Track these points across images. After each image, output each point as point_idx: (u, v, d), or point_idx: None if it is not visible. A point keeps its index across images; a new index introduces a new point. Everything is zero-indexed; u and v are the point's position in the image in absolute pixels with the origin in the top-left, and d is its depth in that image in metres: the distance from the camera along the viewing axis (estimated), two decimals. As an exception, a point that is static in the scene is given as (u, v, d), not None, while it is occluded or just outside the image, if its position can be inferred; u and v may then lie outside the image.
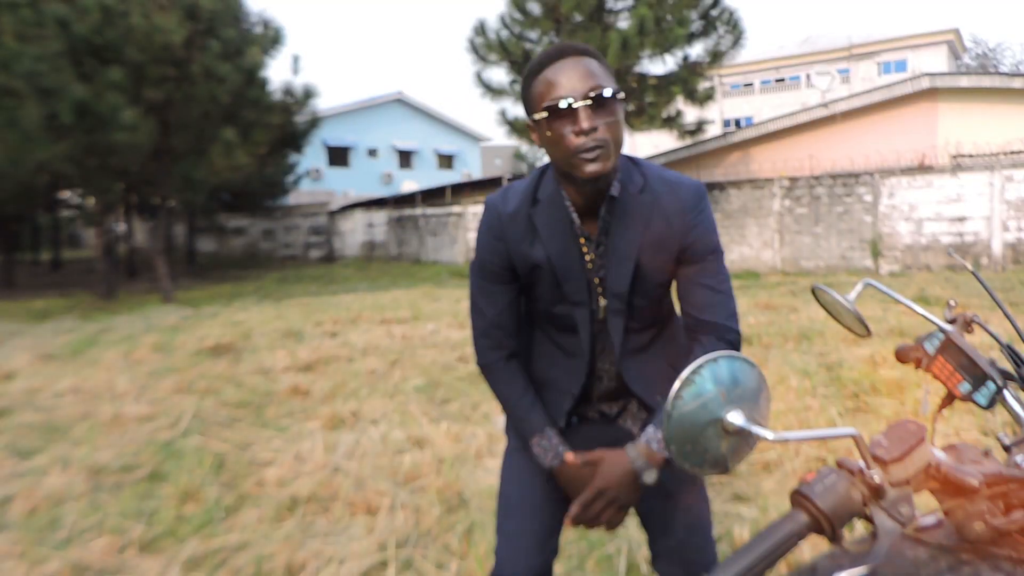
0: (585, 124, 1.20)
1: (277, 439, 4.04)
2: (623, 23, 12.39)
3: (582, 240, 1.36)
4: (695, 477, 1.47)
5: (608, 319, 1.40)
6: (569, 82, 1.22)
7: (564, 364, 1.46)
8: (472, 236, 18.22)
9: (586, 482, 1.32)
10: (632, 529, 2.67)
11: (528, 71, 1.29)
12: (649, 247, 1.34)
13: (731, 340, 1.36)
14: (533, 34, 12.96)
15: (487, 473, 3.33)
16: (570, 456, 1.35)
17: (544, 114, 1.23)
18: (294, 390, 5.15)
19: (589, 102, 1.21)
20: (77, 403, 4.98)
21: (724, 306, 1.36)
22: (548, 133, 1.25)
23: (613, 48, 11.31)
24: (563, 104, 1.21)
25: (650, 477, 1.32)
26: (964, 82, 15.28)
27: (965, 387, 1.08)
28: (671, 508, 1.47)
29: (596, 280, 1.38)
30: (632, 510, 1.41)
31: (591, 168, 1.22)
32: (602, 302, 1.40)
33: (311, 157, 27.57)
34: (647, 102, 12.78)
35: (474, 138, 36.36)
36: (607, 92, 1.22)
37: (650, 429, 1.33)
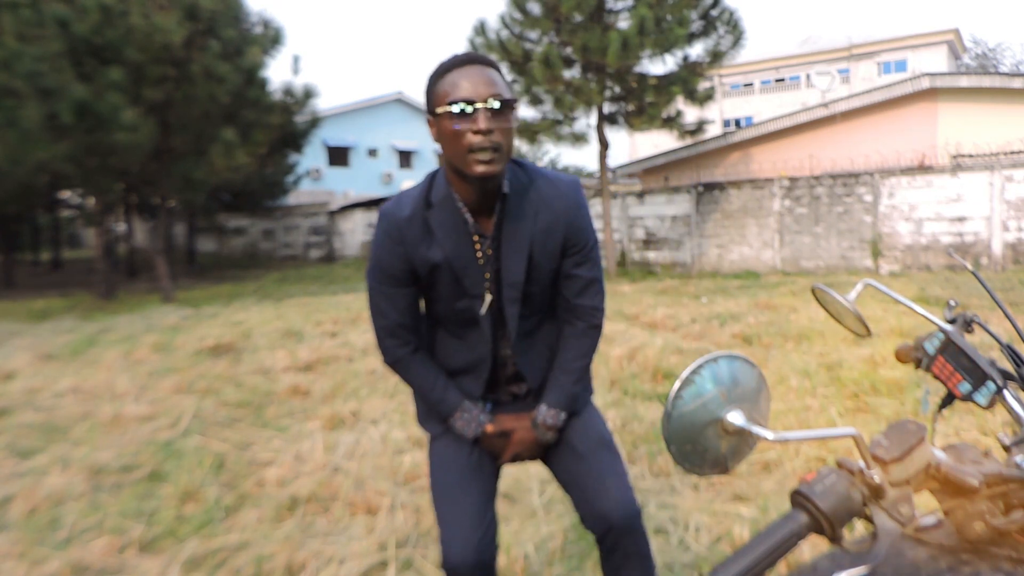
0: (483, 125, 1.33)
1: (277, 439, 4.04)
2: (623, 23, 12.38)
3: (475, 237, 1.48)
4: (599, 432, 1.65)
5: (505, 307, 1.53)
6: (473, 86, 1.34)
7: (468, 356, 1.59)
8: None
9: (504, 445, 1.60)
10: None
11: (435, 71, 1.41)
12: (540, 237, 1.49)
13: (597, 324, 1.59)
14: (533, 34, 12.95)
15: (487, 473, 3.33)
16: (489, 427, 1.57)
17: (447, 109, 1.34)
18: (294, 390, 5.15)
19: (487, 106, 1.33)
20: (77, 403, 4.98)
21: (597, 293, 1.58)
22: (448, 129, 1.36)
23: (613, 48, 11.31)
24: (468, 108, 1.34)
25: (549, 437, 1.60)
26: (964, 82, 15.28)
27: (965, 387, 1.08)
28: (584, 466, 1.60)
29: (488, 275, 1.51)
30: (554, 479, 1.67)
31: (481, 168, 1.35)
32: (488, 298, 1.53)
33: (311, 157, 27.57)
34: (647, 102, 12.77)
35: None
36: (505, 98, 1.35)
37: (543, 408, 1.58)
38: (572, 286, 1.56)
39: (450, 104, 1.34)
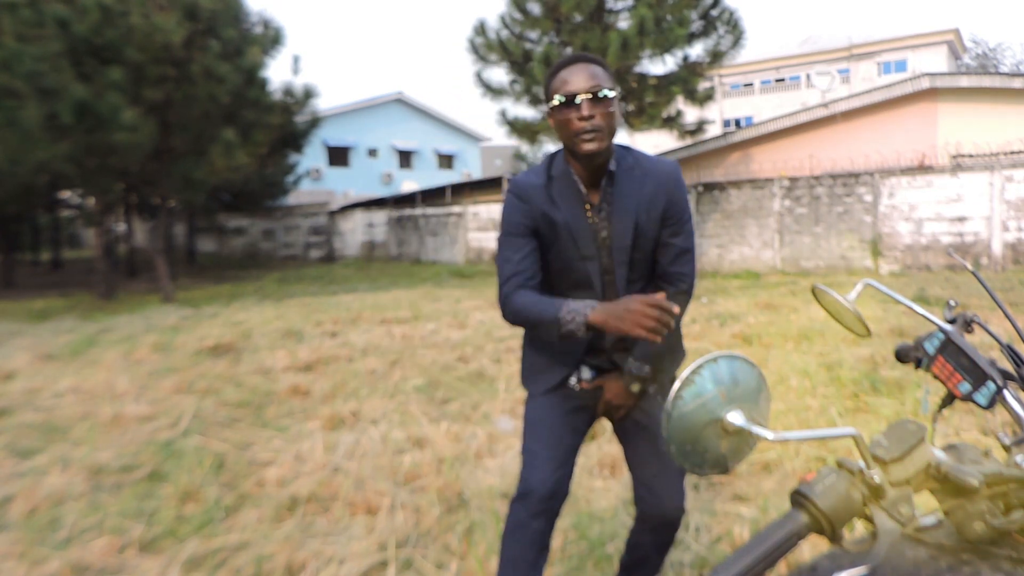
0: (585, 112, 1.61)
1: (277, 439, 4.04)
2: (623, 23, 12.38)
3: (587, 206, 1.73)
4: None
5: (615, 270, 1.74)
6: (577, 81, 1.63)
7: None
8: (472, 236, 18.23)
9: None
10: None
11: (550, 71, 1.70)
12: (645, 206, 1.72)
13: (687, 289, 1.79)
14: (533, 34, 12.95)
15: (487, 473, 3.33)
16: (594, 314, 1.54)
17: (557, 102, 1.64)
18: (294, 390, 5.15)
19: (590, 96, 1.61)
20: (77, 403, 4.98)
21: (689, 262, 1.78)
22: (559, 118, 1.66)
23: (613, 48, 11.31)
24: (572, 99, 1.62)
25: (635, 387, 1.77)
26: (964, 82, 15.28)
27: (965, 387, 1.08)
28: (660, 464, 1.78)
29: (601, 237, 1.73)
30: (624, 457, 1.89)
31: (587, 146, 1.63)
32: (602, 259, 1.74)
33: (311, 157, 27.57)
34: (647, 102, 12.77)
35: (474, 138, 36.35)
36: (605, 90, 1.63)
37: (630, 359, 1.76)
38: (668, 253, 1.76)
39: (558, 99, 1.64)
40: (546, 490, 1.71)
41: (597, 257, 1.73)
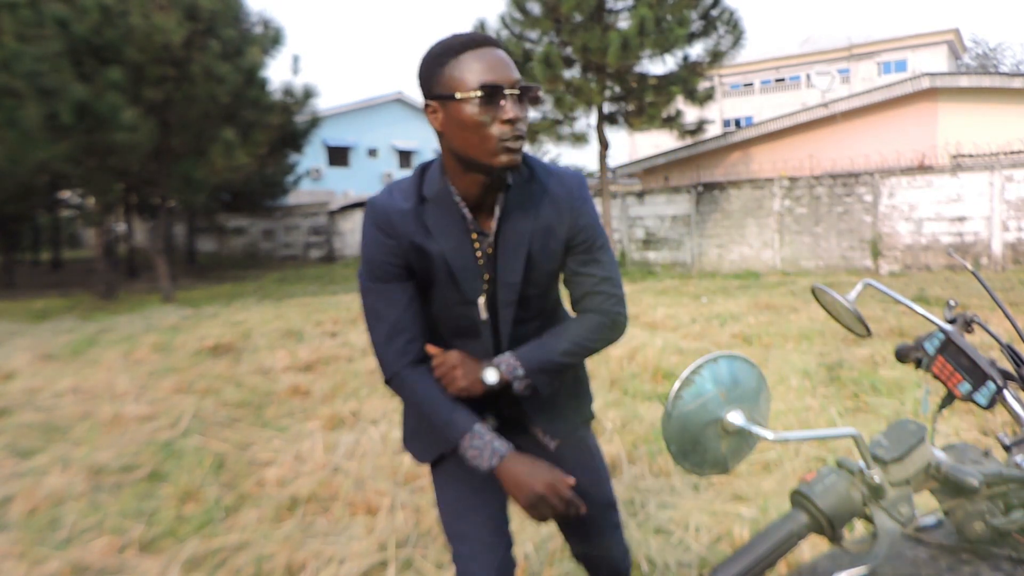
0: (511, 114, 1.20)
1: (277, 439, 4.04)
2: (623, 23, 12.38)
3: (474, 236, 1.34)
4: (607, 496, 1.57)
5: (499, 311, 1.38)
6: (499, 70, 1.21)
7: None
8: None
9: (528, 478, 1.29)
10: (632, 529, 2.68)
11: (440, 51, 1.24)
12: (540, 235, 1.34)
13: (613, 320, 1.40)
14: (533, 34, 12.95)
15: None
16: (512, 455, 1.30)
17: (470, 95, 1.19)
18: (294, 390, 5.15)
19: (517, 92, 1.21)
20: (77, 403, 4.98)
21: (610, 291, 1.39)
22: (468, 118, 1.21)
23: (613, 48, 11.30)
24: (495, 94, 1.19)
25: (492, 378, 1.34)
26: (964, 82, 15.28)
27: (965, 387, 1.08)
28: (594, 530, 1.54)
29: (487, 276, 1.36)
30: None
31: (506, 158, 1.22)
32: (481, 301, 1.37)
33: (311, 157, 27.56)
34: (647, 102, 12.77)
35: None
36: (530, 85, 1.24)
37: (504, 354, 1.37)
38: (581, 285, 1.39)
39: (478, 89, 1.19)
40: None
41: (482, 300, 1.37)
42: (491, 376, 1.33)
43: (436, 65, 1.24)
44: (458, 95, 1.20)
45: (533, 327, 1.43)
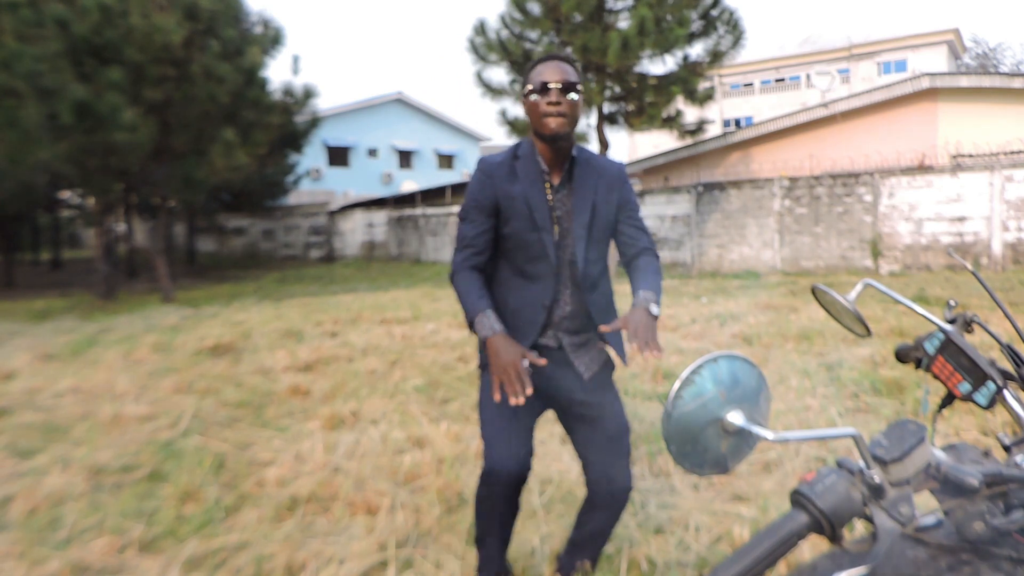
0: (554, 98, 1.86)
1: (277, 439, 4.04)
2: (623, 23, 12.37)
3: (547, 185, 1.94)
4: (625, 421, 2.03)
5: (575, 244, 1.93)
6: (551, 74, 1.88)
7: (531, 289, 1.95)
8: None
9: (503, 352, 1.76)
10: (632, 529, 2.68)
11: (529, 66, 1.95)
12: (603, 193, 1.96)
13: (657, 254, 2.01)
14: (533, 34, 12.95)
15: (487, 473, 3.32)
16: (500, 335, 1.79)
17: (532, 88, 1.88)
18: (294, 390, 5.14)
19: (560, 86, 1.86)
20: (77, 403, 4.98)
21: (647, 236, 2.03)
22: (531, 103, 1.89)
23: (613, 48, 11.31)
24: (543, 88, 1.87)
25: (654, 313, 1.82)
26: (964, 82, 15.28)
27: (965, 387, 1.08)
28: (610, 448, 1.98)
29: (556, 215, 1.94)
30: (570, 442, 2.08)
31: (552, 123, 1.86)
32: (557, 232, 1.93)
33: (311, 157, 27.56)
34: (647, 102, 12.77)
35: (474, 138, 36.33)
36: (574, 84, 1.88)
37: (640, 292, 1.84)
38: (632, 234, 1.99)
39: (533, 87, 1.88)
40: (506, 470, 1.88)
41: (551, 231, 1.92)
42: (655, 310, 1.81)
43: (526, 75, 1.95)
44: (527, 92, 1.91)
45: (598, 268, 1.98)
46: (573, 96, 1.87)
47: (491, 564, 2.12)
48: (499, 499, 1.96)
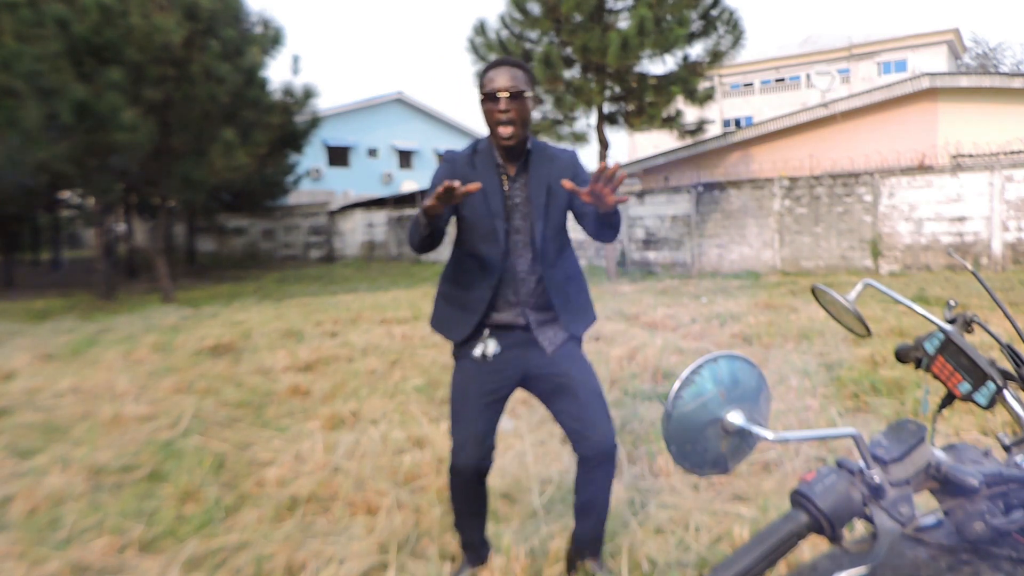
0: (502, 105, 2.01)
1: (277, 439, 4.04)
2: (623, 23, 12.37)
3: (504, 177, 2.13)
4: (595, 384, 2.19)
5: (533, 225, 2.12)
6: (500, 80, 2.01)
7: (481, 270, 2.13)
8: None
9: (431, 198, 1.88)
10: (632, 529, 2.68)
11: (482, 71, 2.09)
12: (556, 176, 2.11)
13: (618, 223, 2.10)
14: (533, 34, 12.94)
15: (487, 473, 3.33)
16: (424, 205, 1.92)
17: (483, 96, 2.04)
18: (294, 390, 5.15)
19: (508, 94, 2.01)
20: (77, 403, 4.98)
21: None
22: (484, 108, 2.06)
23: (613, 48, 11.30)
24: (497, 95, 2.01)
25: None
26: (964, 82, 15.28)
27: (965, 387, 1.08)
28: (585, 413, 2.13)
29: (513, 203, 2.13)
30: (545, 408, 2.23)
31: (503, 131, 2.04)
32: (516, 217, 2.12)
33: (311, 157, 27.55)
34: (647, 102, 12.76)
35: (474, 138, 36.21)
36: (522, 90, 2.02)
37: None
38: (587, 209, 2.08)
39: (484, 94, 2.03)
40: (470, 468, 2.13)
41: (502, 216, 2.10)
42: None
43: (479, 79, 2.08)
44: (480, 97, 2.06)
45: (555, 247, 2.16)
46: (522, 101, 2.02)
47: (471, 542, 2.35)
48: (466, 490, 2.19)
